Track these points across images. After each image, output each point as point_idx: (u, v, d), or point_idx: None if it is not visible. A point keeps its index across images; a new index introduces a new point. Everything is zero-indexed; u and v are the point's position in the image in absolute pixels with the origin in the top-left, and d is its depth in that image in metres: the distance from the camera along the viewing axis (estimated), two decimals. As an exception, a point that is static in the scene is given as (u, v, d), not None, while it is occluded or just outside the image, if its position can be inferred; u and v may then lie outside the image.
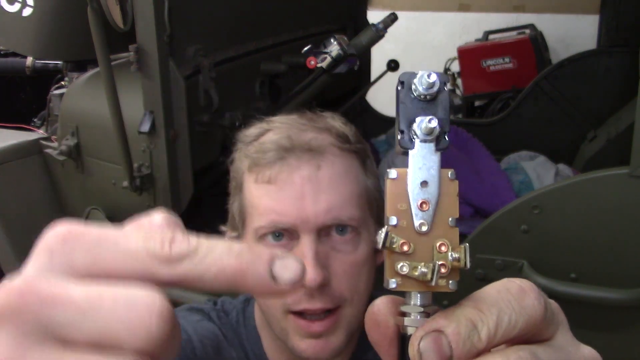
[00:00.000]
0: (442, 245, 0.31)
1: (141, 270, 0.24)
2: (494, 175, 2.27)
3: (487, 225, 1.41)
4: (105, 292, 0.23)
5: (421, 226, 0.31)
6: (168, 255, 0.24)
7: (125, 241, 0.25)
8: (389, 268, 0.30)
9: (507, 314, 0.29)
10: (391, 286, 0.30)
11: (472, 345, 0.29)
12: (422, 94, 0.31)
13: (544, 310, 0.30)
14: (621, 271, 1.29)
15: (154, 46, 1.32)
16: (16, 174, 1.72)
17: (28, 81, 2.58)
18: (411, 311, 0.31)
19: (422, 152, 0.31)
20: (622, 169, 1.25)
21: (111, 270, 0.24)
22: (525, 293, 0.30)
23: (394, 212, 0.31)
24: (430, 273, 0.30)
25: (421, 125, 0.31)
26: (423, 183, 0.31)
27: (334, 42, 1.91)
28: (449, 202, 0.31)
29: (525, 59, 3.48)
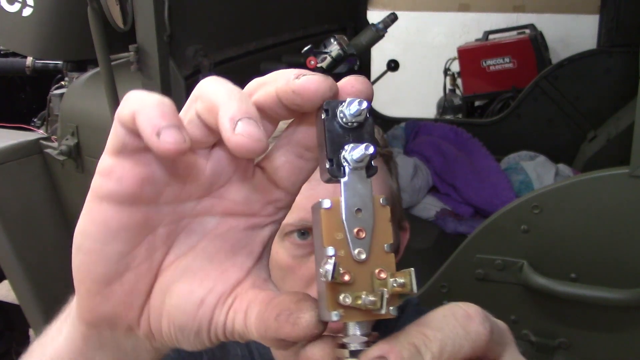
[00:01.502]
0: (381, 272, 0.30)
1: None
2: (494, 175, 2.27)
3: (487, 225, 1.41)
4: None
5: (359, 254, 0.30)
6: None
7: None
8: (330, 300, 0.30)
9: (452, 339, 0.30)
10: (334, 319, 0.30)
11: None
12: (349, 121, 0.31)
13: (489, 335, 0.30)
14: (621, 271, 1.29)
15: (154, 46, 1.32)
16: (16, 174, 1.72)
17: (28, 81, 2.57)
18: (352, 342, 0.31)
19: (354, 180, 0.31)
20: (622, 169, 1.24)
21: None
22: (470, 318, 0.30)
23: (331, 242, 0.30)
24: (379, 301, 0.29)
25: (353, 153, 0.30)
26: (357, 211, 0.31)
27: (334, 42, 1.91)
28: (383, 228, 0.31)
29: (525, 59, 3.48)
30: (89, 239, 0.33)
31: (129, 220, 0.33)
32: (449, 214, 2.22)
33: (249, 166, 0.35)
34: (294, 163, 0.35)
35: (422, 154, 2.38)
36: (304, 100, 0.31)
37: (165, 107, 0.30)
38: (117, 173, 0.32)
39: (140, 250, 0.34)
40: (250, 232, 0.36)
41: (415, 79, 4.34)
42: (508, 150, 2.51)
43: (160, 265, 0.36)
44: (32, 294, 1.70)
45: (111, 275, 0.34)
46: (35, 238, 1.73)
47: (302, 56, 1.86)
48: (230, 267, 0.36)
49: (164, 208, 0.34)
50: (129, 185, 0.32)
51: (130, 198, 0.33)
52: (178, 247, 0.36)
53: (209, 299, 0.35)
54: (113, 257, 0.34)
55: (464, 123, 2.91)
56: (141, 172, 0.32)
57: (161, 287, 0.36)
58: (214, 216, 0.36)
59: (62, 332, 0.40)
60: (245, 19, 1.81)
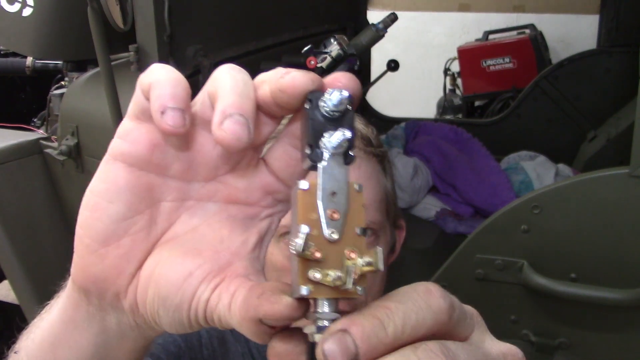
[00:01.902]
0: (352, 253, 0.32)
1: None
2: (494, 175, 2.26)
3: (487, 225, 1.41)
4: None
5: (332, 234, 0.32)
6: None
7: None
8: (300, 275, 0.31)
9: (414, 312, 0.30)
10: (303, 293, 0.31)
11: (378, 341, 0.29)
12: (331, 110, 0.33)
13: (450, 309, 0.31)
14: (621, 271, 1.29)
15: (154, 46, 1.32)
16: (16, 174, 1.72)
17: (28, 81, 2.58)
18: (321, 318, 0.32)
19: (332, 165, 0.33)
20: (622, 169, 1.24)
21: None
22: (430, 293, 0.31)
23: (305, 221, 0.32)
24: (345, 276, 0.31)
25: (331, 139, 0.32)
26: (332, 194, 0.32)
27: (334, 42, 1.91)
28: (357, 212, 0.33)
29: (525, 59, 3.48)
30: (96, 195, 0.36)
31: (136, 183, 0.36)
32: (449, 214, 2.22)
33: (254, 156, 0.37)
34: (291, 154, 0.37)
35: (422, 154, 2.38)
36: (289, 97, 0.33)
37: (178, 88, 0.33)
38: (133, 135, 0.36)
39: (142, 218, 0.36)
40: (248, 222, 0.38)
41: (415, 79, 4.34)
42: (508, 150, 2.51)
43: (158, 239, 0.37)
44: (32, 294, 1.70)
45: (109, 234, 0.36)
46: (35, 238, 1.73)
47: (302, 56, 1.86)
48: (224, 250, 0.37)
49: (171, 182, 0.37)
50: (141, 148, 0.35)
51: (141, 161, 0.35)
52: (179, 225, 0.38)
53: (197, 273, 0.36)
54: (114, 216, 0.36)
55: (464, 123, 2.91)
56: (154, 138, 0.35)
57: (154, 259, 0.37)
58: (217, 202, 0.38)
59: (56, 305, 0.42)
60: (245, 19, 1.80)
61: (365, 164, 0.83)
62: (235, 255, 0.37)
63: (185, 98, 0.34)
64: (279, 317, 0.32)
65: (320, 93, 0.33)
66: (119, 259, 0.36)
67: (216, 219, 0.38)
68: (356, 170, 0.81)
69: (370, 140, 0.85)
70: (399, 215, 0.94)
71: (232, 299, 0.34)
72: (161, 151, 0.36)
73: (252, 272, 0.37)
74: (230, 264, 0.37)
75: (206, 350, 0.85)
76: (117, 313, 0.39)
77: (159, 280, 0.36)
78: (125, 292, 0.37)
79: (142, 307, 0.37)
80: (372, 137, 0.85)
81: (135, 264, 0.37)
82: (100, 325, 0.40)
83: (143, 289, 0.37)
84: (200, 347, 0.85)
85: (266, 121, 0.36)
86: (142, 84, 0.35)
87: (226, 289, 0.35)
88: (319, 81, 0.34)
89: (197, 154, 0.36)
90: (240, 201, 0.38)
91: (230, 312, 0.34)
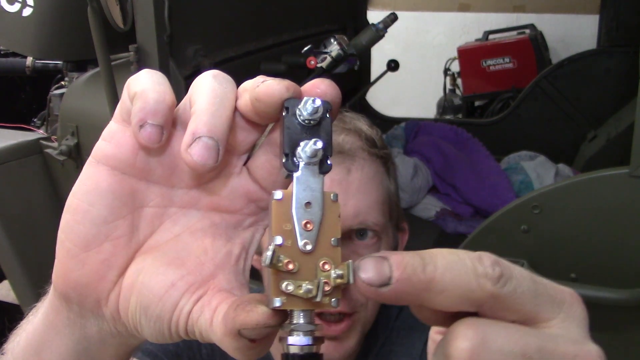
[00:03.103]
0: (326, 264, 0.32)
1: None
2: (494, 175, 2.26)
3: (487, 225, 1.41)
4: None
5: (305, 245, 0.32)
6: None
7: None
8: (273, 287, 0.31)
9: (459, 266, 0.29)
10: (275, 304, 0.31)
11: (413, 272, 0.28)
12: (306, 119, 0.33)
13: (497, 279, 0.29)
14: (621, 271, 1.29)
15: (154, 46, 1.32)
16: (16, 174, 1.72)
17: (28, 81, 2.58)
18: (295, 329, 0.32)
19: (306, 175, 0.32)
20: (622, 169, 1.24)
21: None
22: (480, 259, 0.30)
23: (279, 232, 0.32)
24: (315, 289, 0.31)
25: (305, 148, 0.32)
26: (307, 204, 0.32)
27: (334, 42, 1.91)
28: (332, 222, 0.32)
29: (525, 59, 3.47)
30: (78, 198, 0.36)
31: (118, 187, 0.35)
32: (449, 214, 2.22)
33: (237, 163, 0.37)
34: (272, 163, 0.37)
35: (422, 154, 2.38)
36: (265, 105, 0.33)
37: (161, 104, 0.33)
38: (118, 138, 0.35)
39: (123, 224, 0.36)
40: (231, 231, 0.38)
41: (415, 79, 4.34)
42: (508, 150, 2.51)
43: (140, 246, 0.37)
44: (32, 294, 1.70)
45: (90, 239, 0.36)
46: (35, 238, 1.73)
47: (302, 56, 1.86)
48: (207, 261, 0.37)
49: (154, 188, 0.36)
50: (125, 152, 0.35)
51: (125, 165, 0.35)
52: (161, 233, 0.37)
53: (179, 284, 0.35)
54: (95, 220, 0.35)
55: (464, 123, 2.91)
56: (137, 143, 0.35)
57: (137, 267, 0.36)
58: (199, 210, 0.37)
59: (41, 309, 0.42)
60: (245, 19, 1.80)
61: (369, 166, 0.83)
62: (219, 268, 0.37)
63: (166, 114, 0.34)
64: (255, 325, 0.32)
65: (297, 101, 0.33)
66: (99, 265, 0.36)
67: (198, 227, 0.37)
68: (359, 171, 0.81)
69: (375, 142, 0.85)
70: (402, 218, 0.94)
71: (215, 314, 0.34)
72: (145, 156, 0.35)
73: (236, 286, 0.36)
74: (213, 276, 0.36)
75: (205, 349, 0.85)
76: (97, 320, 0.38)
77: (142, 290, 0.36)
78: (106, 299, 0.37)
79: (124, 315, 0.37)
80: (376, 139, 0.85)
81: (117, 271, 0.37)
82: (81, 332, 0.39)
83: (125, 297, 0.36)
84: (199, 345, 0.85)
85: (249, 129, 0.36)
86: (128, 90, 0.35)
87: (208, 303, 0.35)
88: (294, 89, 0.33)
89: (181, 160, 0.35)
90: (223, 209, 0.38)
91: (212, 327, 0.34)
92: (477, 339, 0.28)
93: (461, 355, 0.28)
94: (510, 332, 0.29)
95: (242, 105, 0.35)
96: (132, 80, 0.35)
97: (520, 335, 0.29)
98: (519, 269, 0.30)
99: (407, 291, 0.29)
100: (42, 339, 0.41)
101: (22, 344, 0.43)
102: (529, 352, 0.28)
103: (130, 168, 0.36)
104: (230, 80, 0.36)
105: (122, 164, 0.35)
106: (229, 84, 0.36)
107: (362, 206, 0.80)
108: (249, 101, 0.34)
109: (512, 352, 0.28)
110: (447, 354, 0.28)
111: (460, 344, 0.28)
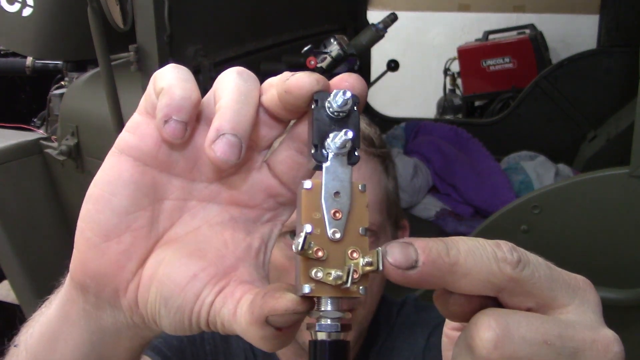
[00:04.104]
0: (354, 252, 0.32)
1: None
2: (494, 175, 2.26)
3: (487, 225, 1.41)
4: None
5: (334, 234, 0.32)
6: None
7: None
8: (303, 274, 0.32)
9: (480, 251, 0.30)
10: (305, 291, 0.32)
11: (438, 255, 0.29)
12: (335, 111, 0.33)
13: (516, 264, 0.30)
14: (621, 271, 1.29)
15: (154, 46, 1.32)
16: (16, 174, 1.72)
17: (28, 81, 2.58)
18: (324, 316, 0.32)
19: (335, 165, 0.33)
20: (622, 169, 1.25)
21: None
22: (499, 245, 0.31)
23: (309, 220, 0.32)
24: (346, 275, 0.31)
25: (335, 139, 0.33)
26: (336, 194, 0.33)
27: (334, 42, 1.91)
28: (360, 212, 0.33)
29: (525, 59, 3.47)
30: (100, 187, 0.36)
31: (140, 178, 0.36)
32: (449, 214, 2.22)
33: (258, 159, 0.38)
34: (293, 158, 0.37)
35: (422, 154, 2.38)
36: (295, 98, 0.34)
37: (187, 101, 0.34)
38: (142, 130, 0.36)
39: (144, 215, 0.36)
40: (250, 225, 0.38)
41: (415, 79, 4.34)
42: (508, 150, 2.51)
43: (160, 237, 0.37)
44: (32, 294, 1.70)
45: (111, 228, 0.36)
46: (35, 238, 1.73)
47: (302, 56, 1.86)
48: (228, 254, 0.37)
49: (175, 181, 0.37)
50: (149, 143, 0.36)
51: (147, 156, 0.35)
52: (181, 225, 0.38)
53: (201, 275, 0.36)
54: (117, 210, 0.36)
55: (464, 123, 2.91)
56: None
57: (158, 259, 0.37)
58: (219, 204, 0.38)
59: (55, 300, 0.42)
60: (245, 19, 1.81)
61: (366, 165, 0.83)
62: (240, 260, 0.37)
63: (191, 111, 0.34)
64: (284, 311, 0.32)
65: (326, 94, 0.34)
66: (119, 255, 0.36)
67: (218, 220, 0.38)
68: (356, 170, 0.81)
69: (373, 141, 0.85)
70: (402, 216, 0.94)
71: (238, 304, 0.34)
72: (167, 149, 0.36)
73: (257, 279, 0.37)
74: (235, 269, 0.37)
75: (208, 345, 0.85)
76: (113, 311, 0.38)
77: (163, 280, 0.36)
78: (125, 289, 0.37)
79: (143, 306, 0.37)
80: (374, 138, 0.85)
81: (136, 262, 0.37)
82: (96, 324, 0.39)
83: (145, 288, 0.37)
84: (202, 341, 0.85)
85: (273, 125, 0.37)
86: (155, 84, 0.35)
87: (231, 295, 0.35)
88: (324, 82, 0.34)
89: (203, 154, 0.36)
90: (242, 203, 0.38)
91: (236, 318, 0.34)
92: (500, 328, 0.28)
93: (486, 346, 0.28)
94: (531, 321, 0.29)
95: (267, 100, 0.35)
96: (158, 75, 0.35)
97: (540, 323, 0.29)
98: (534, 255, 0.31)
99: (433, 274, 0.30)
100: (57, 331, 0.41)
101: (35, 335, 0.43)
102: (550, 339, 0.29)
103: (153, 160, 0.36)
104: (254, 77, 0.37)
105: (145, 155, 0.36)
106: (253, 81, 0.36)
107: None
108: (277, 96, 0.35)
109: (534, 339, 0.29)
110: (472, 345, 0.29)
111: (484, 335, 0.28)
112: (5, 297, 2.30)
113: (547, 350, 0.29)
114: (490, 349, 0.28)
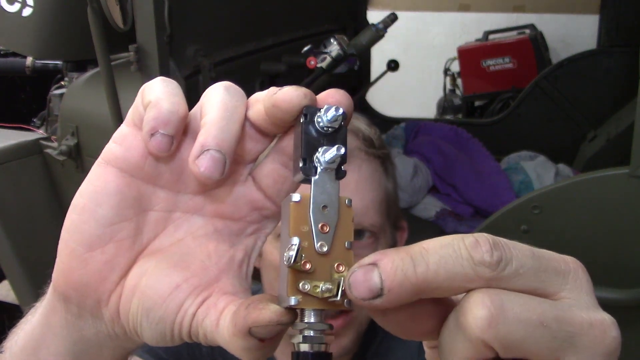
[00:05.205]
0: (340, 266, 0.33)
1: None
2: (494, 175, 2.27)
3: (487, 225, 1.41)
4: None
5: (322, 247, 0.33)
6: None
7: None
8: (290, 286, 0.32)
9: (453, 258, 0.28)
10: (292, 303, 0.32)
11: (404, 278, 0.28)
12: (326, 125, 0.34)
13: (496, 264, 0.28)
14: (621, 271, 1.29)
15: (154, 46, 1.32)
16: (16, 174, 1.72)
17: (28, 81, 2.58)
18: (307, 328, 0.32)
19: (324, 179, 0.34)
20: (622, 169, 1.24)
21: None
22: (477, 245, 0.28)
23: (296, 233, 0.33)
24: (336, 288, 0.32)
25: (326, 154, 0.33)
26: (324, 207, 0.33)
27: (334, 42, 1.91)
28: (346, 226, 0.34)
29: (525, 59, 3.47)
30: (85, 197, 0.36)
31: (126, 189, 0.36)
32: (449, 214, 2.22)
33: (243, 172, 0.38)
34: (279, 172, 0.37)
35: (422, 154, 2.38)
36: (283, 112, 0.34)
37: (173, 115, 0.34)
38: (128, 141, 0.36)
39: (128, 226, 0.36)
40: (234, 237, 0.38)
41: (415, 79, 4.34)
42: (508, 150, 2.51)
43: (143, 248, 0.37)
44: (32, 294, 1.70)
45: (95, 239, 0.36)
46: (35, 238, 1.73)
47: (302, 56, 1.86)
48: (211, 266, 0.37)
49: (160, 192, 0.37)
50: (135, 155, 0.36)
51: (133, 168, 0.36)
52: (165, 237, 0.38)
53: (183, 286, 0.36)
54: (101, 220, 0.36)
55: (464, 123, 2.91)
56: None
57: (140, 270, 0.37)
58: (203, 216, 0.38)
59: (39, 309, 0.43)
60: (245, 19, 1.81)
61: (366, 165, 0.83)
62: (223, 272, 0.37)
63: (178, 125, 0.34)
64: (268, 322, 0.32)
65: (315, 108, 0.34)
66: (102, 265, 0.36)
67: (202, 232, 0.38)
68: (356, 171, 0.81)
69: (372, 142, 0.85)
70: (400, 217, 0.94)
71: (221, 315, 0.34)
72: (154, 161, 0.36)
73: (240, 291, 0.37)
74: (217, 280, 0.37)
75: (205, 348, 0.85)
76: (95, 322, 0.38)
77: (145, 291, 0.36)
78: (107, 300, 0.37)
79: (124, 317, 0.37)
80: (374, 138, 0.86)
81: (119, 272, 0.37)
82: (78, 334, 0.39)
83: (127, 298, 0.37)
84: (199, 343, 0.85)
85: (258, 139, 0.37)
86: (142, 97, 0.35)
87: (214, 305, 0.35)
88: (311, 95, 0.34)
89: (188, 168, 0.36)
90: (227, 216, 0.38)
91: (218, 329, 0.34)
92: (495, 307, 0.27)
93: (479, 324, 0.27)
94: (527, 301, 0.28)
95: (254, 114, 0.36)
96: (147, 87, 0.36)
97: (537, 303, 0.28)
98: (519, 246, 0.29)
99: (401, 297, 0.28)
100: (40, 339, 0.41)
101: (20, 343, 0.43)
102: (546, 321, 0.28)
103: (139, 171, 0.36)
104: (241, 92, 0.37)
105: (131, 167, 0.36)
106: (240, 96, 0.36)
107: (359, 207, 0.80)
108: (263, 110, 0.35)
109: (530, 320, 0.27)
110: (463, 324, 0.27)
111: (478, 312, 0.27)
112: (5, 297, 2.30)
113: (542, 332, 0.27)
114: (483, 328, 0.27)
